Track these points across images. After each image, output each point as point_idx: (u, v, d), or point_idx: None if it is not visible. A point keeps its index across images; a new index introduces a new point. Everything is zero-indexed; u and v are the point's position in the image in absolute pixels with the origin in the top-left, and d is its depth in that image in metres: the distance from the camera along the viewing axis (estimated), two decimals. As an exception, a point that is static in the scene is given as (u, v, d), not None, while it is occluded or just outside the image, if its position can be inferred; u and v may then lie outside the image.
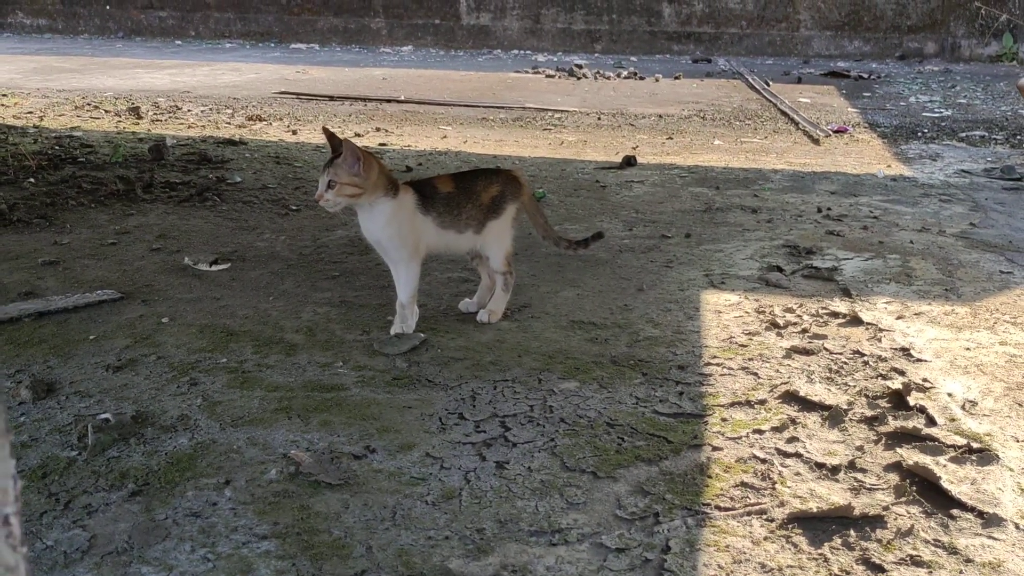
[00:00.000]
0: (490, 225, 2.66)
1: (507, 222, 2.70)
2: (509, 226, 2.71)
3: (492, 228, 2.67)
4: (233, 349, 2.50)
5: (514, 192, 2.71)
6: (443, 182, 2.67)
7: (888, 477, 1.90)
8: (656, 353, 2.52)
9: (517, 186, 2.73)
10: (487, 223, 2.66)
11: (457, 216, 2.61)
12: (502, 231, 2.69)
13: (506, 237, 2.71)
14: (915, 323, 2.74)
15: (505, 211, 2.68)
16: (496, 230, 2.68)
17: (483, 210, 2.65)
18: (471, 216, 2.63)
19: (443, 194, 2.61)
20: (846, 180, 4.72)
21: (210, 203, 4.03)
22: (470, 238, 2.66)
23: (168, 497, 1.79)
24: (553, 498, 1.82)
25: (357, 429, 2.08)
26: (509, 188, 2.70)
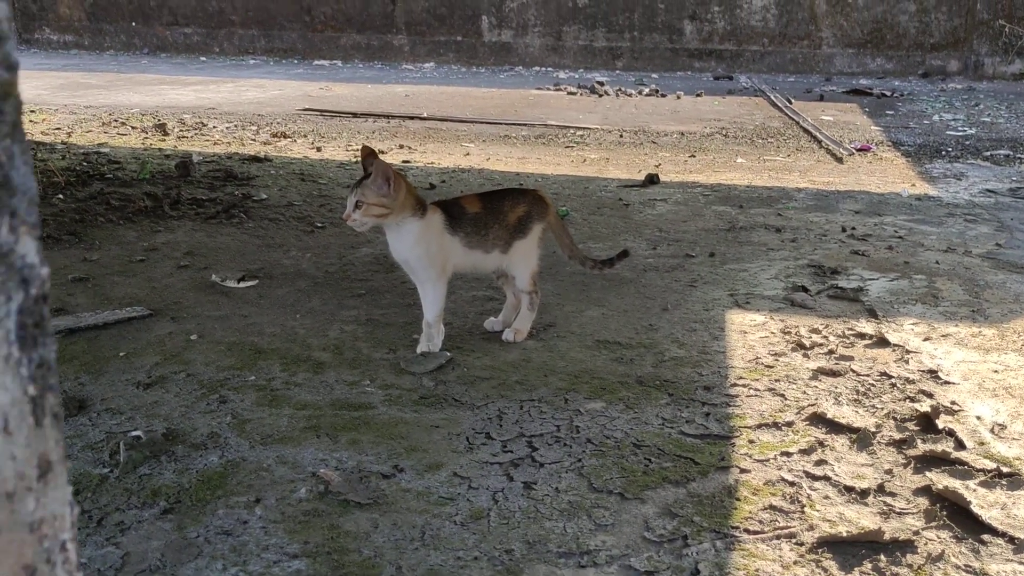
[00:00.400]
0: (517, 245, 2.68)
1: (533, 242, 2.71)
2: (535, 246, 2.72)
3: (519, 248, 2.68)
4: (261, 367, 2.52)
5: (540, 212, 2.72)
6: (470, 202, 2.68)
7: (918, 501, 1.90)
8: (682, 373, 2.52)
9: (543, 206, 2.74)
10: (513, 243, 2.67)
11: (484, 236, 2.63)
12: (528, 251, 2.71)
13: (532, 257, 2.72)
14: (942, 345, 2.72)
15: (531, 231, 2.70)
16: (522, 250, 2.69)
17: (510, 230, 2.66)
18: (498, 236, 2.65)
19: (470, 214, 2.63)
20: (870, 199, 4.71)
21: (236, 220, 4.07)
22: (497, 258, 2.68)
23: (199, 515, 1.81)
24: (581, 519, 1.82)
25: (385, 448, 2.09)
26: (536, 208, 2.72)
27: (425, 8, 12.85)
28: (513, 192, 2.82)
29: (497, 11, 12.62)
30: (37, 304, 0.61)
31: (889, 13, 11.51)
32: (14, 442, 0.60)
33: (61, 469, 0.65)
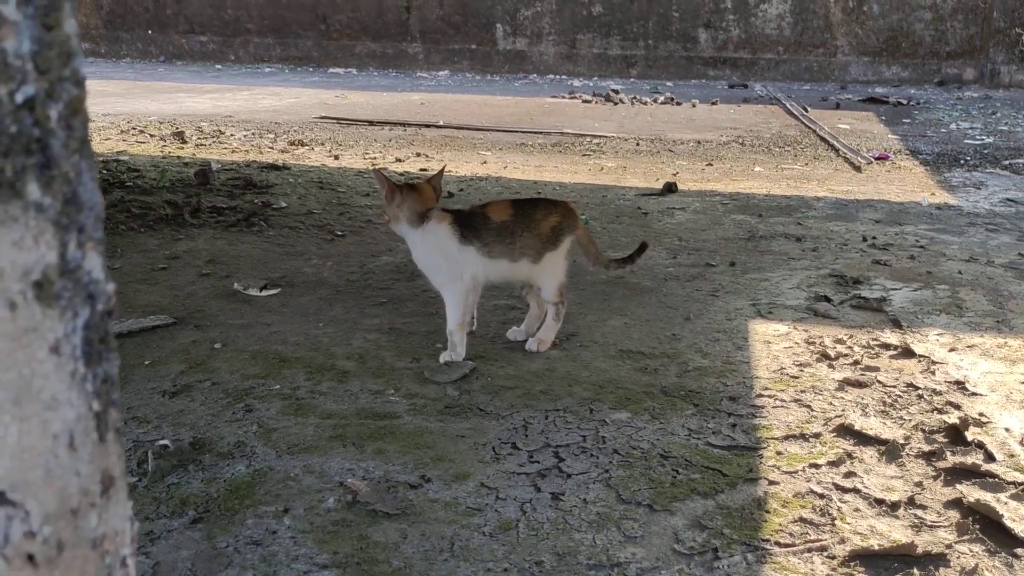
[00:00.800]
0: (547, 256, 2.66)
1: (562, 254, 2.69)
2: (564, 258, 2.71)
3: (549, 259, 2.66)
4: (286, 376, 2.53)
5: (571, 224, 2.71)
6: (497, 210, 2.67)
7: (949, 514, 1.88)
8: (706, 384, 2.51)
9: (574, 218, 2.73)
10: (545, 254, 2.65)
11: (511, 245, 2.61)
12: (557, 263, 2.69)
13: (560, 268, 2.70)
14: (968, 356, 2.71)
15: (562, 243, 2.68)
16: (552, 261, 2.68)
17: (542, 240, 2.64)
18: (527, 246, 2.63)
19: (495, 223, 2.62)
20: (890, 208, 4.69)
21: (257, 228, 4.08)
22: (526, 268, 2.66)
23: (228, 524, 1.81)
24: (610, 531, 1.81)
25: (412, 458, 2.08)
26: (567, 220, 2.70)
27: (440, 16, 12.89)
28: (544, 202, 2.80)
29: (511, 19, 12.65)
30: (102, 320, 0.61)
31: (905, 21, 11.48)
32: (79, 458, 0.60)
33: (122, 484, 0.65)
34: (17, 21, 0.53)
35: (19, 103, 0.54)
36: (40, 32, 0.55)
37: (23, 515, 0.56)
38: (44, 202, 0.56)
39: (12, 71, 0.53)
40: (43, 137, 0.56)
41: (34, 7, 0.54)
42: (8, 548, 0.55)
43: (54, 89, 0.56)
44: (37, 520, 0.57)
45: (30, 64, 0.55)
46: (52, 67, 0.56)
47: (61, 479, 0.59)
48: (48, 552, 0.58)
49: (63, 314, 0.58)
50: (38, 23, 0.55)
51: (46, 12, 0.55)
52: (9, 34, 0.53)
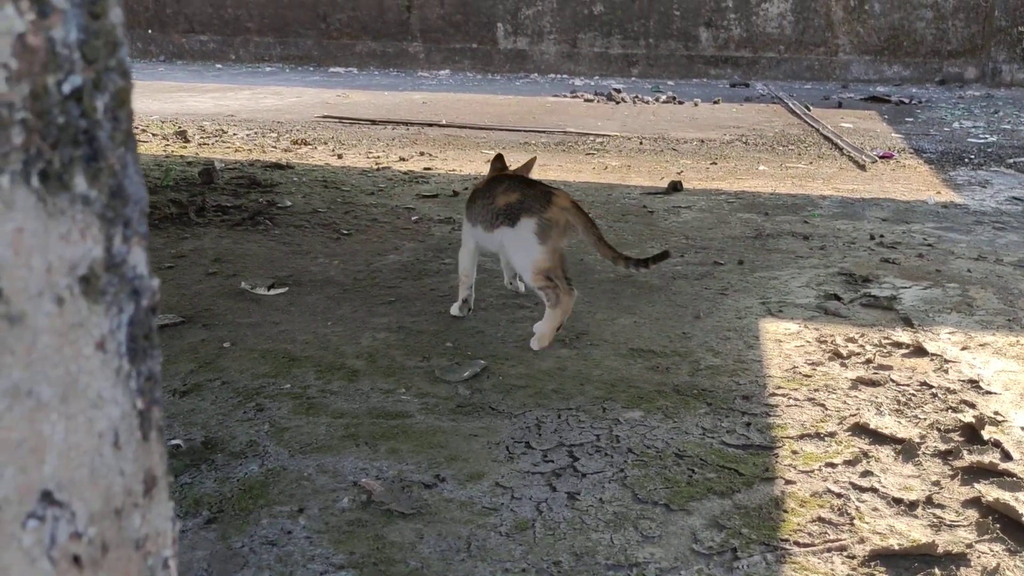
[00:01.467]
0: (501, 231, 2.72)
1: (526, 235, 2.66)
2: (530, 239, 2.66)
3: (506, 235, 2.71)
4: (296, 375, 2.51)
5: (535, 207, 2.66)
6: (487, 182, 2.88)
7: (968, 513, 1.87)
8: (719, 382, 2.50)
9: (544, 202, 2.66)
10: (497, 228, 2.73)
11: (480, 215, 2.80)
12: (519, 242, 2.67)
13: (529, 250, 2.67)
14: (980, 354, 2.69)
15: (520, 223, 2.66)
16: (511, 239, 2.69)
17: (495, 214, 2.72)
18: (485, 218, 2.77)
19: (480, 192, 2.84)
20: (896, 207, 4.68)
21: (262, 227, 4.06)
22: (495, 240, 2.78)
23: (243, 525, 1.80)
24: (627, 531, 1.80)
25: (425, 457, 2.07)
26: (531, 202, 2.66)
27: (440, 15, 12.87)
28: (520, 180, 2.81)
29: (512, 18, 12.63)
30: (147, 316, 0.60)
31: (906, 20, 11.47)
32: (123, 457, 0.58)
33: (164, 484, 0.63)
34: (65, 9, 0.52)
35: (66, 93, 0.53)
36: (87, 21, 0.54)
37: (69, 516, 0.54)
38: (91, 195, 0.54)
39: (60, 60, 0.52)
40: (90, 128, 0.54)
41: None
42: (55, 550, 0.53)
43: (100, 79, 0.55)
44: (83, 521, 0.55)
45: (77, 53, 0.53)
46: (99, 57, 0.55)
47: (106, 478, 0.57)
48: (93, 553, 0.56)
49: (108, 310, 0.57)
50: (85, 11, 0.53)
51: (93, 0, 0.54)
52: (57, 22, 0.52)
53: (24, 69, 0.50)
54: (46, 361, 0.52)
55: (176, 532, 0.66)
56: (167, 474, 0.64)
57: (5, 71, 0.49)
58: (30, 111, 0.50)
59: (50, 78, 0.51)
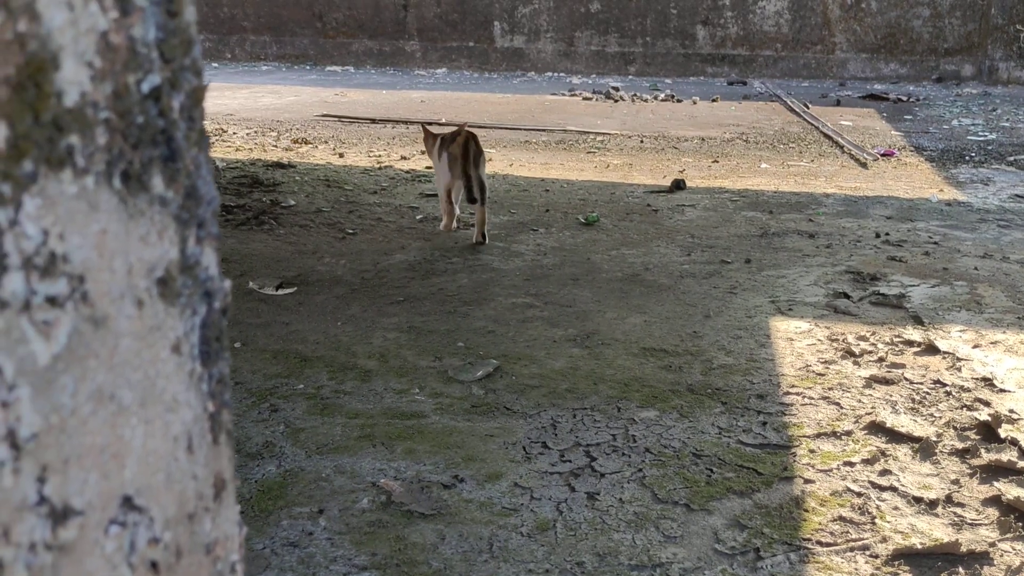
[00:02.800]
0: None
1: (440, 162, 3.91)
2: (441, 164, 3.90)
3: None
4: (308, 375, 2.50)
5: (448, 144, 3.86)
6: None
7: (988, 512, 1.87)
8: (732, 381, 2.50)
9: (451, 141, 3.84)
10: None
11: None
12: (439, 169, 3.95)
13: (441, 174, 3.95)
14: (992, 352, 2.70)
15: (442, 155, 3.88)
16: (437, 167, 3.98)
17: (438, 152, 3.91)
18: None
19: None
20: (900, 205, 4.69)
21: (267, 227, 4.05)
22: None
23: (264, 526, 1.79)
24: (649, 531, 1.79)
25: (442, 458, 2.06)
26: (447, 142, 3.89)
27: (437, 14, 12.86)
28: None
29: (509, 17, 12.62)
30: (219, 318, 0.59)
31: (903, 18, 11.49)
32: (196, 461, 0.58)
33: (232, 488, 0.62)
34: (144, 7, 0.51)
35: (145, 93, 0.52)
36: (165, 19, 0.53)
37: (148, 521, 0.54)
38: (168, 196, 0.54)
39: (140, 59, 0.51)
40: (167, 128, 0.53)
41: (160, -8, 0.52)
42: (135, 556, 0.52)
43: (177, 79, 0.54)
44: (159, 526, 0.55)
45: (155, 52, 0.52)
46: (176, 56, 0.54)
47: (180, 483, 0.56)
48: (168, 559, 0.55)
49: (183, 312, 0.56)
50: (163, 9, 0.53)
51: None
52: (137, 20, 0.51)
53: (107, 68, 0.49)
54: (127, 365, 0.51)
55: (243, 536, 0.65)
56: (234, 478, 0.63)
57: (90, 70, 0.48)
58: (113, 111, 0.49)
59: (131, 77, 0.51)
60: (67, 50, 0.47)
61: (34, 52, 0.45)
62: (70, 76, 0.47)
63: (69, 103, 0.47)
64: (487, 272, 3.45)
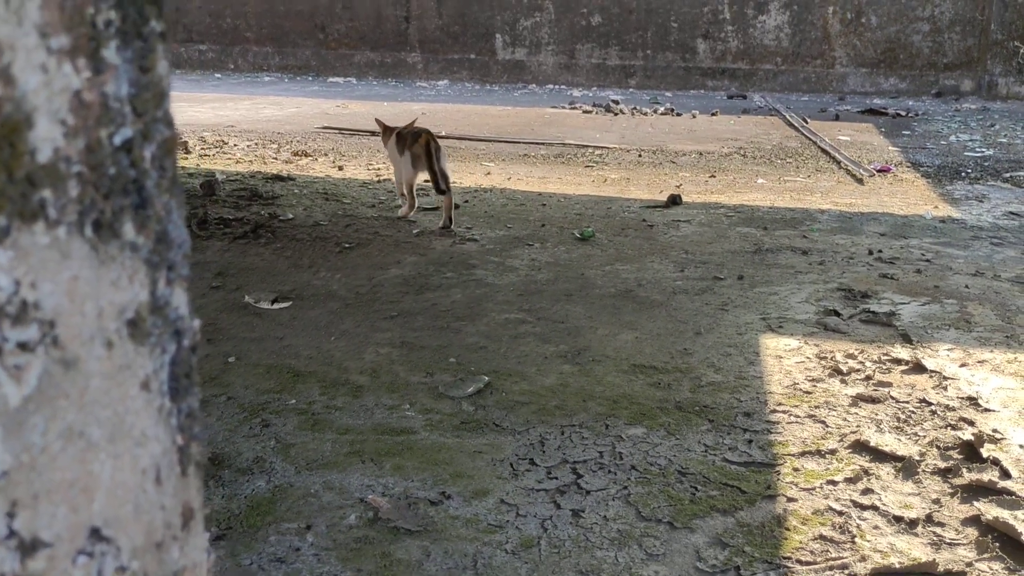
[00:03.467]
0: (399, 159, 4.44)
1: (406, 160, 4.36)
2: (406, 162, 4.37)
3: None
4: (301, 390, 2.53)
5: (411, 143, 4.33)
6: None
7: (967, 532, 1.89)
8: (720, 399, 2.52)
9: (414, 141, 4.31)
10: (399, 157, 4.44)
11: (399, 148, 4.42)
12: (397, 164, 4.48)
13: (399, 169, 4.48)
14: (979, 371, 2.72)
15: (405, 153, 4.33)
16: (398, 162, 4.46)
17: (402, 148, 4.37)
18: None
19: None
20: (894, 221, 4.72)
21: (264, 240, 4.09)
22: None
23: (251, 542, 1.81)
24: (632, 548, 1.82)
25: (430, 474, 2.09)
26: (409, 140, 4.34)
27: (439, 26, 12.92)
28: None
29: (511, 29, 12.69)
30: (188, 356, 0.62)
31: (902, 33, 11.54)
32: (164, 492, 0.61)
33: (200, 517, 0.65)
34: (117, 65, 0.54)
35: (117, 145, 0.55)
36: (137, 75, 0.56)
37: (115, 551, 0.56)
38: (138, 241, 0.57)
39: (112, 114, 0.54)
40: (138, 178, 0.56)
41: (132, 50, 0.55)
42: (102, 584, 0.55)
43: (149, 130, 0.57)
44: (127, 555, 0.57)
45: (128, 107, 0.55)
46: (148, 109, 0.57)
47: (148, 513, 0.59)
48: (136, 586, 0.58)
49: (153, 351, 0.59)
50: (135, 66, 0.56)
51: (143, 55, 0.56)
52: (110, 78, 0.54)
53: (80, 124, 0.52)
54: (96, 403, 0.54)
55: (211, 563, 0.68)
56: (203, 506, 0.66)
57: (63, 127, 0.51)
58: (85, 164, 0.52)
59: (103, 131, 0.54)
60: (41, 110, 0.50)
61: (9, 114, 0.48)
62: (44, 134, 0.50)
63: (42, 159, 0.50)
64: (481, 287, 3.48)
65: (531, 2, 12.51)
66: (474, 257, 3.90)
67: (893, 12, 11.48)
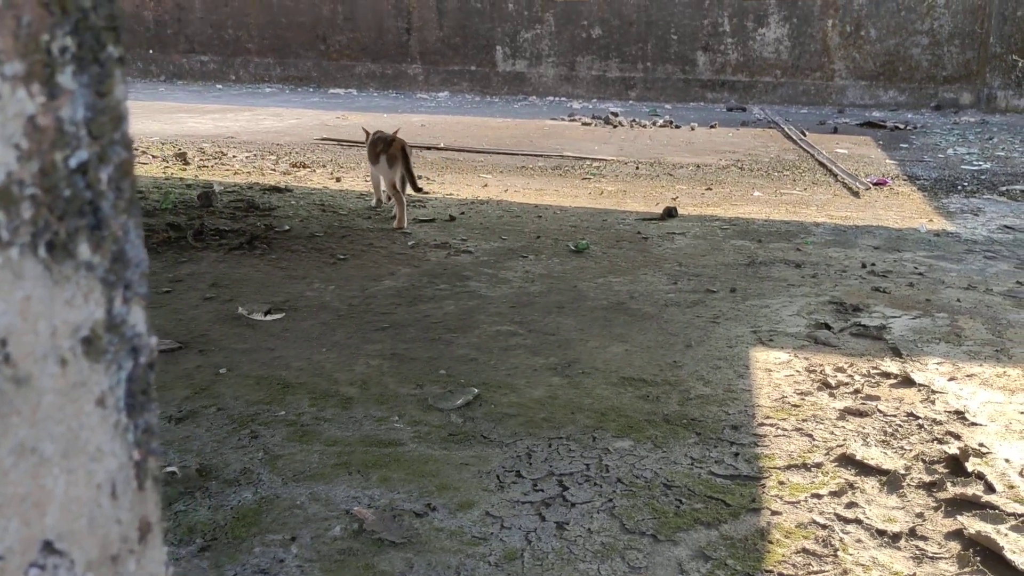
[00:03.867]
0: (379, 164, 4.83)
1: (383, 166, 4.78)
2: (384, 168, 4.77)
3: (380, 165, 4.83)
4: (290, 402, 2.54)
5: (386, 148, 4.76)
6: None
7: (950, 546, 1.90)
8: (708, 412, 2.53)
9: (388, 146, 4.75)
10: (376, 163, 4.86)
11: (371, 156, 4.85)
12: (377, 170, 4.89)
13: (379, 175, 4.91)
14: (967, 385, 2.73)
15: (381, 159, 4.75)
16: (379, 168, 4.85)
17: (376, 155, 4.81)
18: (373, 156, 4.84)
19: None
20: (888, 235, 4.73)
21: (259, 251, 4.10)
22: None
23: (236, 553, 1.82)
24: (615, 561, 1.83)
25: (416, 486, 2.10)
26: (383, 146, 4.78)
27: (439, 38, 12.97)
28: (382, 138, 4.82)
29: (511, 41, 12.73)
30: (145, 372, 0.63)
31: (902, 46, 11.58)
32: (120, 506, 0.62)
33: (158, 530, 0.66)
34: (73, 89, 0.56)
35: (73, 167, 0.56)
36: (94, 99, 0.57)
37: (68, 564, 0.58)
38: (94, 261, 0.58)
39: (67, 137, 0.56)
40: (94, 199, 0.58)
41: (89, 76, 0.57)
42: (55, 596, 0.56)
43: (105, 153, 0.59)
44: (81, 568, 0.59)
45: (84, 130, 0.57)
46: (104, 132, 0.58)
47: (104, 527, 0.60)
48: (91, 598, 0.59)
49: (108, 368, 0.60)
50: (92, 91, 0.57)
51: (100, 80, 0.58)
52: (65, 103, 0.55)
53: (34, 148, 0.53)
54: (49, 419, 0.55)
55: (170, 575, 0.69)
56: (161, 520, 0.67)
57: (16, 151, 0.52)
58: (39, 187, 0.54)
59: (58, 154, 0.55)
60: (-6, 134, 0.51)
61: (-40, 139, 0.49)
62: (-3, 158, 0.51)
63: (-5, 182, 0.51)
64: (474, 299, 3.50)
65: (532, 14, 12.56)
66: (468, 269, 3.91)
67: (892, 25, 11.52)
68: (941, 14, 11.34)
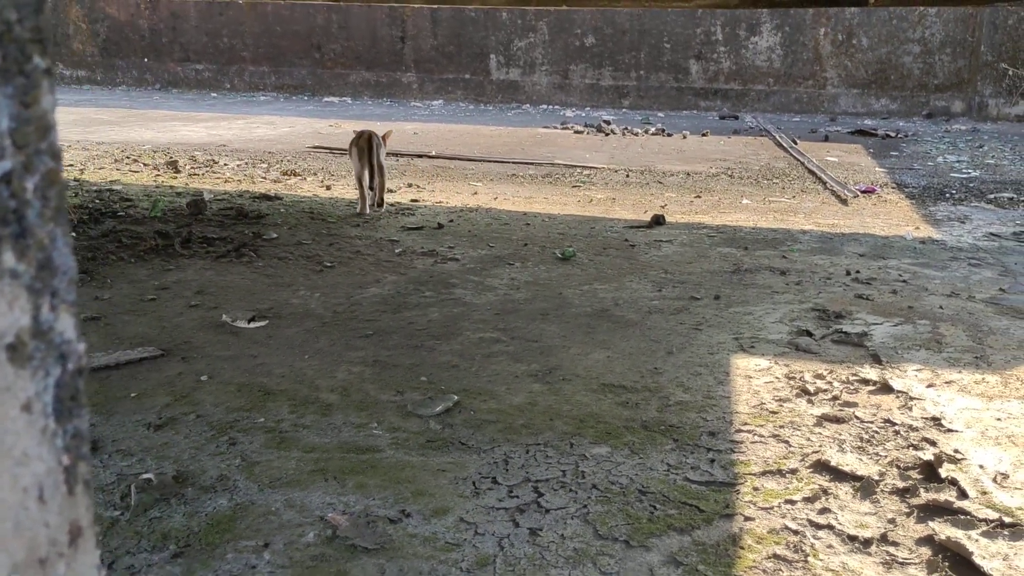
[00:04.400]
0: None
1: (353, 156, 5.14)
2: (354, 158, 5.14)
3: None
4: (270, 408, 2.55)
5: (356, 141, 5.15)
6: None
7: (920, 551, 1.91)
8: (687, 418, 2.54)
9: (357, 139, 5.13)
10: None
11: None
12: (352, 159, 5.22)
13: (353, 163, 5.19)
14: (946, 392, 2.74)
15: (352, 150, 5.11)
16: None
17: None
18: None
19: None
20: (875, 242, 4.75)
21: (247, 259, 4.11)
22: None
23: (208, 559, 1.83)
24: (586, 567, 1.83)
25: (392, 492, 2.11)
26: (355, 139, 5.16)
27: (434, 46, 13.01)
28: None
29: (505, 49, 12.77)
30: (73, 379, 0.64)
31: (893, 54, 11.62)
32: (48, 510, 0.63)
33: (90, 534, 0.67)
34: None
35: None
36: (18, 110, 0.59)
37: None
38: (19, 269, 0.59)
39: (-10, 148, 0.57)
40: (19, 208, 0.59)
41: (13, 87, 0.58)
42: (-22, 598, 0.57)
43: (31, 162, 0.60)
44: (5, 570, 0.60)
45: (8, 140, 0.58)
46: (30, 142, 0.60)
47: (31, 530, 0.61)
48: (17, 600, 0.60)
49: (35, 374, 0.61)
50: (16, 102, 0.58)
51: (25, 91, 0.59)
52: (-13, 114, 0.56)
53: (-46, 158, 0.55)
54: (-28, 423, 0.57)
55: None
56: (94, 524, 0.68)
57: (-64, 161, 0.54)
58: (-40, 196, 0.55)
59: (-20, 164, 0.56)
60: (-88, 145, 0.52)
61: None
62: (-85, 167, 0.53)
63: (-87, 192, 0.53)
64: (458, 306, 3.51)
65: (525, 23, 12.60)
66: (454, 276, 3.92)
67: (884, 34, 11.57)
68: (932, 23, 11.39)
